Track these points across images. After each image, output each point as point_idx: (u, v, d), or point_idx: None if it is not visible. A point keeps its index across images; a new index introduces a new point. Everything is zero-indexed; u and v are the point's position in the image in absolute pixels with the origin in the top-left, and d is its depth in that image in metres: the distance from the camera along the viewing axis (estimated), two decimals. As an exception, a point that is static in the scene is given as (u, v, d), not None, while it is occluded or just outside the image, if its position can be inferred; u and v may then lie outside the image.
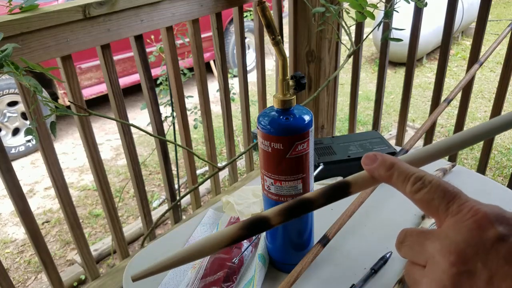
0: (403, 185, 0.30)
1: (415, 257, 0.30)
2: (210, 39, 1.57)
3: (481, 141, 0.31)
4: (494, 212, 0.27)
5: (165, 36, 1.24)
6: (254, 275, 0.70)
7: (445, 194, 0.28)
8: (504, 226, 0.26)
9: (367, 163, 0.32)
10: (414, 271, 0.30)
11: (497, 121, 0.31)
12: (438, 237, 0.28)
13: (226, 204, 0.89)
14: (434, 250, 0.27)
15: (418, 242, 0.29)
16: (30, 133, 0.82)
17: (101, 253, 1.99)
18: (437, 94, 1.60)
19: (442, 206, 0.28)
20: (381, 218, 0.82)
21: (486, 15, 1.40)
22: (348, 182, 0.32)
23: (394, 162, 0.31)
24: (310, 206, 0.32)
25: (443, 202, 0.28)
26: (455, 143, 0.32)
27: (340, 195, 0.32)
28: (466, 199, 0.28)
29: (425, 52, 4.31)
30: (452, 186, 0.29)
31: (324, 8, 1.20)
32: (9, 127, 3.06)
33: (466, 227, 0.27)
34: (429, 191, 0.29)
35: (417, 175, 0.30)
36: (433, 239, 0.28)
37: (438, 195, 0.29)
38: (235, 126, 2.87)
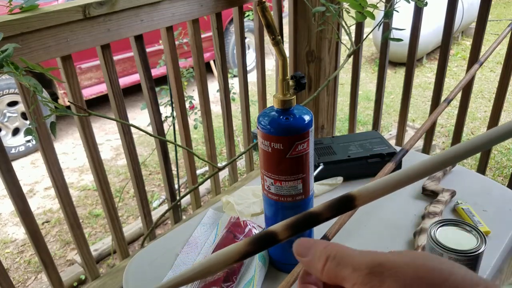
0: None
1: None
2: (210, 39, 1.57)
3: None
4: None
5: (165, 36, 1.24)
6: (254, 275, 0.70)
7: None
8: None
9: (302, 254, 0.32)
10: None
11: (462, 147, 0.31)
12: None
13: (226, 204, 0.89)
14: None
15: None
16: (30, 133, 0.82)
17: (101, 253, 1.99)
18: (437, 94, 1.60)
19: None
20: (381, 218, 0.82)
21: (486, 15, 1.40)
22: (353, 196, 0.32)
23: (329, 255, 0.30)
24: (317, 221, 0.32)
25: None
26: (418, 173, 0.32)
27: (346, 208, 0.32)
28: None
29: (425, 52, 4.31)
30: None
31: (324, 7, 1.20)
32: (9, 127, 3.06)
33: None
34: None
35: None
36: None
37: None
38: (235, 126, 2.87)
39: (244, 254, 0.32)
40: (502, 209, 0.82)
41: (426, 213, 0.79)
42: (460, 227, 0.66)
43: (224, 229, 0.80)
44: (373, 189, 0.31)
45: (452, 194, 0.85)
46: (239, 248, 0.32)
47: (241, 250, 0.32)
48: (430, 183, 0.89)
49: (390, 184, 0.31)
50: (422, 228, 0.75)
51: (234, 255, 0.32)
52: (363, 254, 0.29)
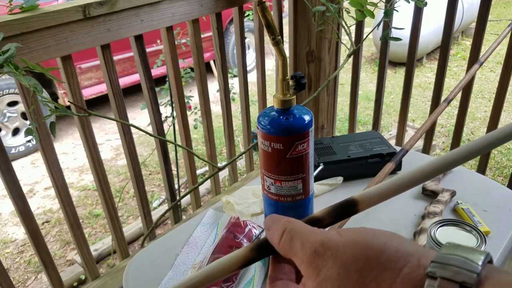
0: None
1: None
2: (210, 39, 1.57)
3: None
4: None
5: (165, 36, 1.24)
6: (254, 275, 0.70)
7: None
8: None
9: (268, 227, 0.32)
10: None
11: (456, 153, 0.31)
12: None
13: (226, 204, 0.89)
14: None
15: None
16: (30, 133, 0.82)
17: (101, 253, 1.99)
18: (437, 94, 1.60)
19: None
20: (381, 218, 0.82)
21: (486, 15, 1.40)
22: (356, 201, 0.32)
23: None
24: (320, 226, 0.32)
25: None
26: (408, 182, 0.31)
27: (348, 213, 0.32)
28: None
29: (425, 52, 4.31)
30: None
31: (324, 7, 1.20)
32: (9, 127, 3.06)
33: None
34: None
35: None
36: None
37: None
38: (235, 126, 2.87)
39: (245, 262, 0.32)
40: (502, 209, 0.82)
41: (426, 213, 0.79)
42: (460, 227, 0.66)
43: (224, 229, 0.80)
44: (376, 194, 0.31)
45: (452, 194, 0.85)
46: (241, 255, 0.32)
47: (243, 257, 0.32)
48: (430, 183, 0.89)
49: (392, 189, 0.31)
50: (422, 228, 0.75)
51: (237, 261, 0.32)
52: (312, 232, 0.29)
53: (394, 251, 0.26)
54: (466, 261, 0.24)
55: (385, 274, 0.25)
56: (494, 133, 0.29)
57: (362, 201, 0.32)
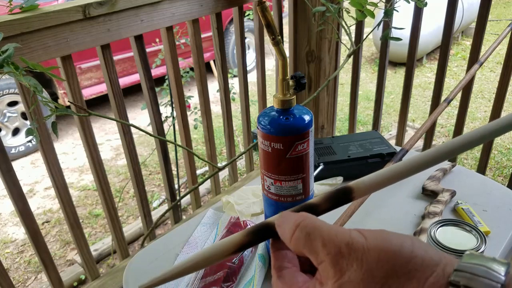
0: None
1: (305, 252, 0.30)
2: (210, 39, 1.57)
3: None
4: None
5: (165, 36, 1.24)
6: (254, 275, 0.70)
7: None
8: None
9: (280, 223, 0.32)
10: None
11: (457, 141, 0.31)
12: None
13: (226, 204, 0.89)
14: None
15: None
16: (31, 133, 0.82)
17: (101, 253, 1.99)
18: (437, 94, 1.60)
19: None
20: (381, 218, 0.82)
21: (486, 14, 1.40)
22: (351, 188, 0.32)
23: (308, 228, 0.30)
24: (315, 212, 0.32)
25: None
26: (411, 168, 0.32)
27: (343, 200, 0.32)
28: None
29: (425, 52, 4.31)
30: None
31: (324, 7, 1.20)
32: (9, 127, 3.06)
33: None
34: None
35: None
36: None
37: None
38: (235, 126, 2.87)
39: (243, 244, 0.32)
40: (502, 209, 0.82)
41: (426, 213, 0.79)
42: (460, 227, 0.66)
43: (224, 229, 0.81)
44: (370, 182, 0.31)
45: (452, 194, 0.85)
46: (237, 239, 0.32)
47: (239, 241, 0.32)
48: (430, 183, 0.89)
49: (387, 177, 0.31)
50: (422, 228, 0.75)
51: (233, 245, 0.32)
52: (333, 230, 0.29)
53: (420, 260, 0.26)
54: (489, 271, 0.24)
55: (411, 283, 0.25)
56: (492, 123, 0.29)
57: (358, 188, 0.32)
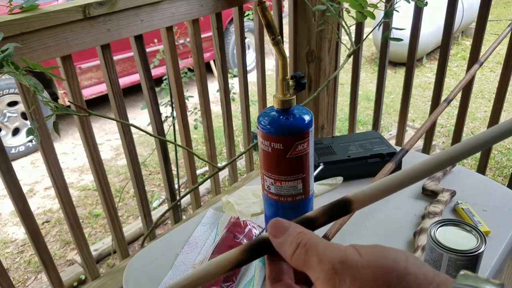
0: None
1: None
2: (210, 39, 1.57)
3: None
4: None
5: (165, 36, 1.24)
6: (254, 275, 0.70)
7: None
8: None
9: (276, 235, 0.32)
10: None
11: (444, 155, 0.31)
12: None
13: (226, 204, 0.89)
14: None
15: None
16: (31, 133, 0.82)
17: (101, 253, 1.99)
18: (437, 94, 1.60)
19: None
20: (381, 218, 0.82)
21: (486, 14, 1.40)
22: (349, 200, 0.32)
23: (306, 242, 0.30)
24: (313, 226, 0.32)
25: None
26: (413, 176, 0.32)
27: (342, 213, 0.32)
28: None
29: (425, 52, 4.31)
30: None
31: (324, 6, 1.20)
32: (9, 127, 3.06)
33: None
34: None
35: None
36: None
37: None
38: (235, 126, 2.87)
39: (237, 263, 0.31)
40: (502, 209, 0.82)
41: (426, 213, 0.79)
42: (460, 227, 0.66)
43: (224, 229, 0.81)
44: (370, 193, 0.31)
45: (452, 194, 0.85)
46: (232, 257, 0.31)
47: (234, 259, 0.31)
48: (430, 183, 0.89)
49: (386, 188, 0.31)
50: (422, 228, 0.75)
51: (227, 264, 0.31)
52: (329, 247, 0.29)
53: (414, 277, 0.26)
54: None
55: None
56: (490, 130, 0.29)
57: (356, 200, 0.32)
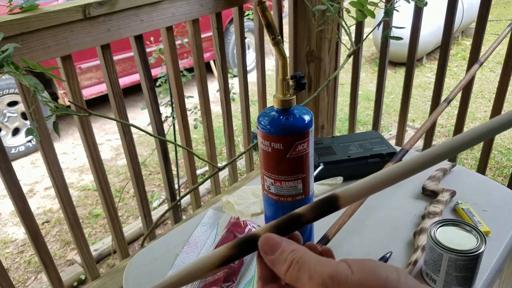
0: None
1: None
2: (210, 39, 1.57)
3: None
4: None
5: (165, 36, 1.24)
6: (254, 275, 0.70)
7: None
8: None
9: (268, 252, 0.32)
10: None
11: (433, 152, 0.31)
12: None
13: (226, 204, 0.89)
14: None
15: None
16: (31, 133, 0.82)
17: (101, 253, 1.99)
18: (437, 94, 1.60)
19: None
20: (381, 218, 0.82)
21: (486, 14, 1.40)
22: (337, 197, 0.32)
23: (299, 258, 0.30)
24: (300, 222, 0.32)
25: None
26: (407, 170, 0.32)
27: (330, 209, 0.32)
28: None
29: (425, 52, 4.31)
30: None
31: (324, 6, 1.20)
32: (9, 127, 3.06)
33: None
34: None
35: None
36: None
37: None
38: (235, 126, 2.87)
39: (226, 259, 0.32)
40: (502, 209, 0.82)
41: (426, 213, 0.79)
42: (460, 227, 0.66)
43: (224, 229, 0.81)
44: (357, 189, 0.31)
45: (452, 194, 0.85)
46: (222, 252, 0.32)
47: (223, 255, 0.32)
48: (430, 183, 0.89)
49: (374, 184, 0.31)
50: (422, 228, 0.75)
51: (218, 259, 0.31)
52: (320, 263, 0.29)
53: None
54: None
55: None
56: (485, 124, 0.29)
57: (344, 196, 0.32)
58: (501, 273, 0.75)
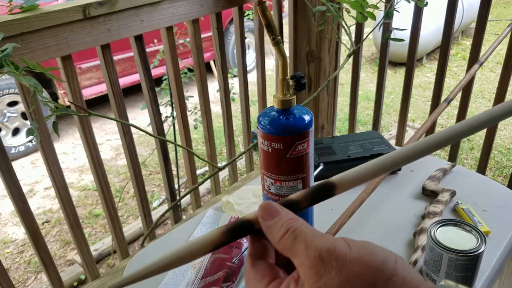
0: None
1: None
2: (210, 39, 1.57)
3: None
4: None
5: (165, 36, 1.24)
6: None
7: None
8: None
9: (266, 218, 0.32)
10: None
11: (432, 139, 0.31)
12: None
13: (226, 204, 0.89)
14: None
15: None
16: (31, 133, 0.82)
17: (101, 253, 1.99)
18: (437, 94, 1.60)
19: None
20: (381, 218, 0.82)
21: (486, 14, 1.40)
22: (333, 183, 0.32)
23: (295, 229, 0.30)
24: (295, 208, 0.32)
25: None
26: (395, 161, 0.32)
27: (325, 195, 0.32)
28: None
29: (425, 52, 4.31)
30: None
31: (325, 7, 1.20)
32: (9, 127, 3.06)
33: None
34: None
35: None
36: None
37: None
38: (235, 126, 2.87)
39: (218, 243, 0.31)
40: (502, 209, 0.82)
41: (426, 213, 0.79)
42: (460, 227, 0.66)
43: (224, 229, 0.80)
44: (353, 176, 0.31)
45: (452, 194, 0.85)
46: (213, 237, 0.32)
47: (215, 240, 0.32)
48: (430, 183, 0.89)
49: (370, 171, 0.31)
50: (422, 228, 0.75)
51: (208, 245, 0.31)
52: (318, 236, 0.29)
53: (401, 279, 0.26)
54: None
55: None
56: (477, 116, 0.29)
57: (340, 183, 0.32)
58: (501, 273, 0.75)
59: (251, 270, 0.32)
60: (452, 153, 1.73)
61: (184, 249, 0.31)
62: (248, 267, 0.33)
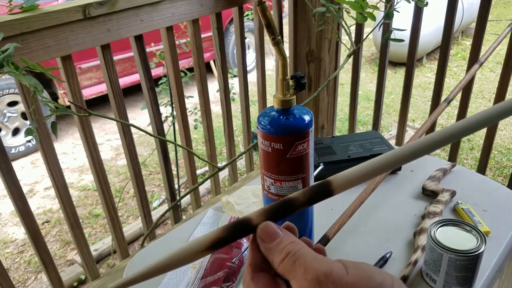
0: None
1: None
2: (210, 39, 1.57)
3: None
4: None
5: (165, 36, 1.24)
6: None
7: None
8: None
9: (265, 240, 0.32)
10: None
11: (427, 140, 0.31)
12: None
13: (226, 204, 0.89)
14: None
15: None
16: (30, 133, 0.82)
17: (101, 253, 1.99)
18: (437, 94, 1.60)
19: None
20: (381, 218, 0.82)
21: (486, 14, 1.40)
22: (330, 183, 0.32)
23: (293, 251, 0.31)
24: (293, 207, 0.32)
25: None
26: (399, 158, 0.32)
27: (323, 195, 0.32)
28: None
29: (425, 52, 4.31)
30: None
31: (325, 8, 1.20)
32: (9, 127, 3.06)
33: None
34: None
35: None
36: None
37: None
38: (235, 126, 2.87)
39: (216, 242, 0.32)
40: (502, 209, 0.82)
41: (426, 213, 0.79)
42: (460, 227, 0.66)
43: (224, 229, 0.80)
44: (351, 176, 0.31)
45: (452, 194, 0.85)
46: (212, 236, 0.32)
47: (214, 239, 0.32)
48: (430, 183, 0.89)
49: (368, 171, 0.31)
50: (422, 228, 0.75)
51: (208, 243, 0.32)
52: (316, 260, 0.29)
53: None
54: None
55: None
56: (475, 116, 0.29)
57: (337, 183, 0.32)
58: (501, 273, 0.75)
59: (251, 283, 0.32)
60: (452, 153, 1.73)
61: (182, 249, 0.32)
62: (248, 278, 0.33)
